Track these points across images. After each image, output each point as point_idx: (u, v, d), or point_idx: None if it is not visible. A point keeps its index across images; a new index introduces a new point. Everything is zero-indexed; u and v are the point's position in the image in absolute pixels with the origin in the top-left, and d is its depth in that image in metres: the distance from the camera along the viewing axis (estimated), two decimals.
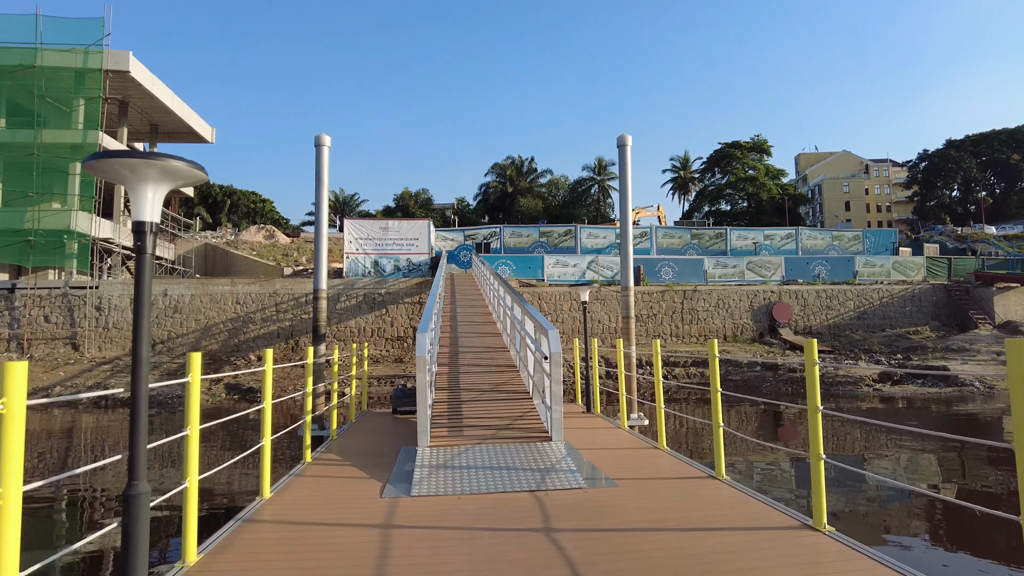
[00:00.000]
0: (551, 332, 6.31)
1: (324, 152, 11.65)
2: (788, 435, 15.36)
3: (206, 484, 11.21)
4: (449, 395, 7.99)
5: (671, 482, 5.22)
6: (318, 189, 11.85)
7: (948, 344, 23.40)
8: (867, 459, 12.30)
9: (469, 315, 15.85)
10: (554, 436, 6.20)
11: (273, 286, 26.38)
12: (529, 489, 4.86)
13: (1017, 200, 67.79)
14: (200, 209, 74.58)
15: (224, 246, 40.43)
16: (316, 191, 12.05)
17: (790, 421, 16.77)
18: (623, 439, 7.21)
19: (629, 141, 11.66)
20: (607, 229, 33.73)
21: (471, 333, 13.03)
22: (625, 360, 8.05)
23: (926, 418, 15.99)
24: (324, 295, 12.14)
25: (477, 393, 8.05)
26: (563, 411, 6.37)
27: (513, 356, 10.12)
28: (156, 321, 25.91)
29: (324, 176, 11.73)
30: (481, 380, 8.80)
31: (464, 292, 21.19)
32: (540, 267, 28.56)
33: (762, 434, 15.74)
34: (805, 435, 16.14)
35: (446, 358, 10.25)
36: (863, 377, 19.34)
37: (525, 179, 71.44)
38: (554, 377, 6.19)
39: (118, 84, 28.81)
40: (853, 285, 30.09)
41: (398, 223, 27.96)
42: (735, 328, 28.29)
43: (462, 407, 7.39)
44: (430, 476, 5.18)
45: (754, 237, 33.26)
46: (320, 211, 11.91)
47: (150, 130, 35.51)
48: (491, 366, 9.74)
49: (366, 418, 9.59)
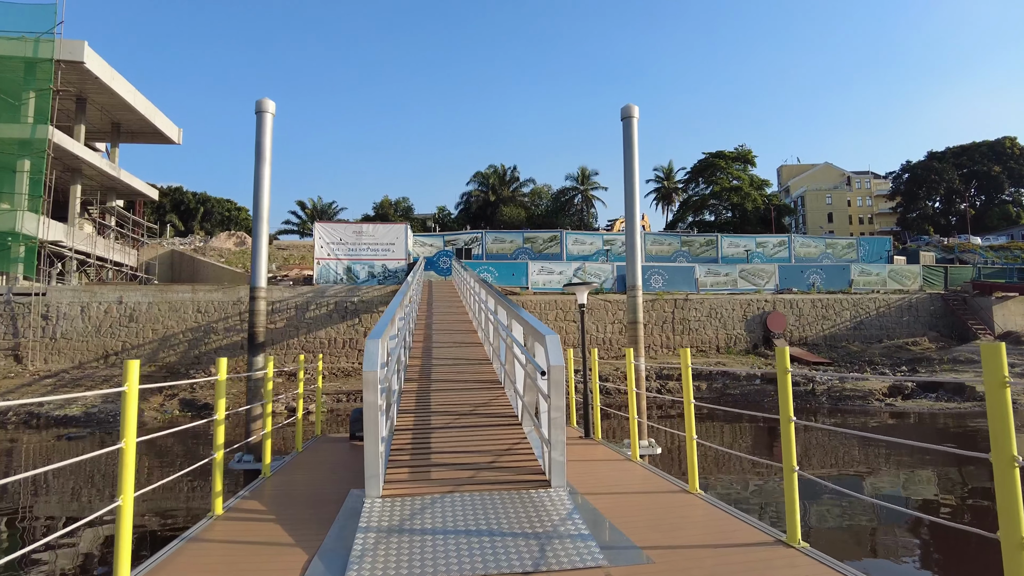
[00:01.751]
0: (549, 338, 4.68)
1: (267, 120, 9.83)
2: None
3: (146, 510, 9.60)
4: (416, 419, 6.33)
5: (721, 553, 3.65)
6: (258, 164, 9.93)
7: (954, 355, 22.22)
8: (869, 474, 11.75)
9: (447, 324, 14.23)
10: (554, 480, 4.55)
11: (237, 293, 24.50)
12: (524, 572, 3.25)
13: (998, 212, 67.91)
14: (172, 216, 72.31)
15: (191, 252, 38.37)
16: (256, 167, 10.11)
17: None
18: (638, 477, 5.64)
19: (636, 112, 10.02)
20: (594, 235, 32.32)
21: (448, 343, 11.41)
22: (635, 374, 6.50)
23: (946, 435, 14.70)
24: (263, 294, 10.37)
25: (452, 417, 6.39)
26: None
27: (497, 370, 8.51)
28: (110, 331, 23.94)
29: (266, 149, 9.84)
30: (458, 400, 7.15)
31: (442, 300, 19.55)
32: (524, 274, 27.00)
33: (757, 450, 14.58)
34: (801, 451, 14.98)
35: (416, 371, 8.60)
36: (872, 391, 17.99)
37: (508, 188, 70.00)
38: (554, 402, 4.55)
39: (74, 77, 26.90)
40: (849, 294, 28.95)
41: (373, 227, 26.23)
42: (728, 339, 26.94)
43: (431, 437, 5.74)
44: (377, 549, 3.53)
45: (746, 244, 32.06)
46: (260, 189, 9.88)
47: (112, 129, 33.54)
48: (471, 382, 8.12)
49: (317, 446, 7.86)
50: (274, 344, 23.95)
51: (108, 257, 30.40)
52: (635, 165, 9.84)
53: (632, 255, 9.72)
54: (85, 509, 9.73)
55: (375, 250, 25.62)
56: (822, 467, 12.37)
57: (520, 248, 30.13)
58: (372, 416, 4.22)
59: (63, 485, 11.74)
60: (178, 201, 77.10)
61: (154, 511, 9.11)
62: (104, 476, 12.26)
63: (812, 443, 14.75)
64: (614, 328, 25.75)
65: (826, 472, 11.85)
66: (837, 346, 27.31)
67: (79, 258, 27.77)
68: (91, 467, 12.73)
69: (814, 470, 12.28)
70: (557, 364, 4.47)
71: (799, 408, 18.29)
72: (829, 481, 10.67)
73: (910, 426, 16.30)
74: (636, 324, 9.46)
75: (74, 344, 23.60)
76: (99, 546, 7.70)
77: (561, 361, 4.49)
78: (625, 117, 10.03)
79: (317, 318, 24.13)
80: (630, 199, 9.83)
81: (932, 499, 9.95)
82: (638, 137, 9.77)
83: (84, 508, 9.90)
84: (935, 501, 9.78)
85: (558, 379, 4.52)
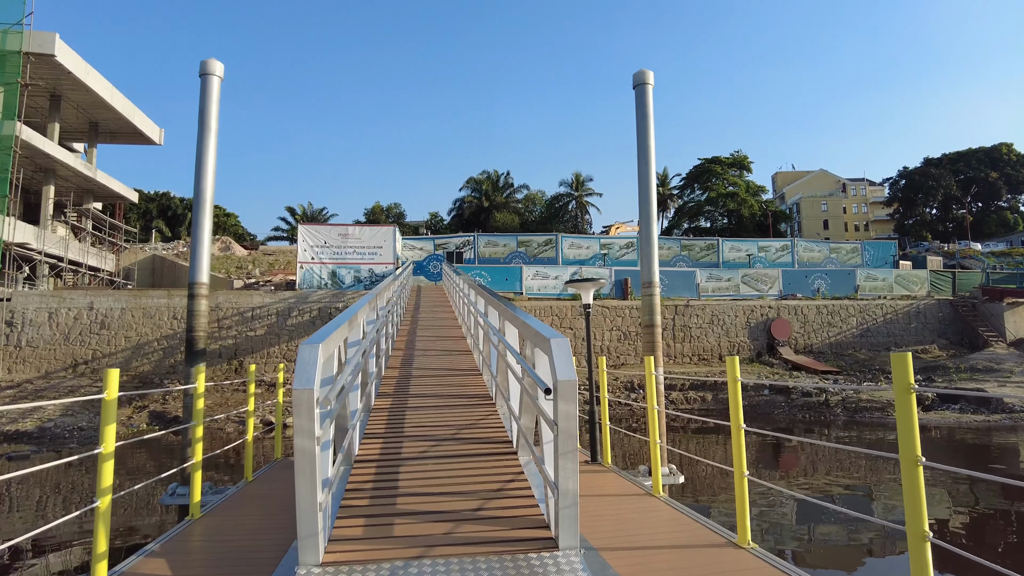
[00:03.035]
0: (555, 342, 3.43)
1: (213, 85, 8.28)
2: (789, 464, 13.77)
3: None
4: (385, 446, 5.03)
5: None
6: (202, 135, 8.42)
7: (971, 364, 21.12)
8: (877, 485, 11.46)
9: (433, 331, 12.98)
10: (563, 539, 3.28)
11: (215, 299, 23.19)
12: None
13: (996, 218, 67.30)
14: (159, 222, 70.97)
15: (172, 258, 37.05)
16: (199, 137, 8.49)
17: (791, 451, 14.51)
18: (665, 521, 4.40)
19: (650, 79, 8.66)
20: (590, 239, 31.16)
21: (433, 350, 10.17)
22: (655, 387, 5.26)
23: (981, 453, 13.58)
24: (204, 291, 8.97)
25: (430, 444, 5.08)
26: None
27: (488, 382, 7.26)
28: (79, 338, 22.58)
29: (212, 117, 8.34)
30: (439, 420, 5.85)
31: (430, 307, 18.28)
32: (518, 279, 25.77)
33: (761, 464, 13.58)
34: (806, 464, 13.89)
35: (392, 385, 7.33)
36: (891, 401, 16.82)
37: (501, 194, 68.92)
38: (563, 429, 3.23)
39: (46, 73, 25.60)
40: (855, 300, 27.87)
41: (359, 229, 24.95)
42: (731, 346, 25.78)
43: (401, 471, 4.44)
44: None
45: (748, 249, 30.96)
46: (204, 165, 8.58)
47: (89, 129, 32.16)
48: (456, 396, 6.87)
49: (273, 474, 6.57)
50: (253, 352, 22.67)
51: (83, 261, 29.00)
52: (650, 139, 8.52)
53: (648, 247, 8.28)
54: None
55: (361, 253, 24.35)
56: (825, 477, 11.56)
57: (514, 252, 28.92)
58: (305, 453, 2.99)
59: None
60: (165, 206, 75.73)
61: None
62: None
63: (819, 455, 13.77)
64: (612, 335, 24.58)
65: (830, 482, 11.05)
66: (844, 354, 26.22)
67: (50, 262, 26.38)
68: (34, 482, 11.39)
69: (820, 480, 11.45)
70: (567, 378, 3.23)
71: (813, 421, 17.12)
72: (833, 498, 9.80)
73: (929, 440, 15.22)
74: (653, 327, 8.02)
75: (40, 353, 22.23)
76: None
77: (572, 374, 3.24)
78: (638, 84, 8.72)
79: (300, 325, 22.84)
80: (645, 180, 8.47)
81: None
82: (653, 108, 8.49)
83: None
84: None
85: (568, 399, 3.22)
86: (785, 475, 12.85)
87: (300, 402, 2.95)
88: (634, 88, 8.75)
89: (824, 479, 11.97)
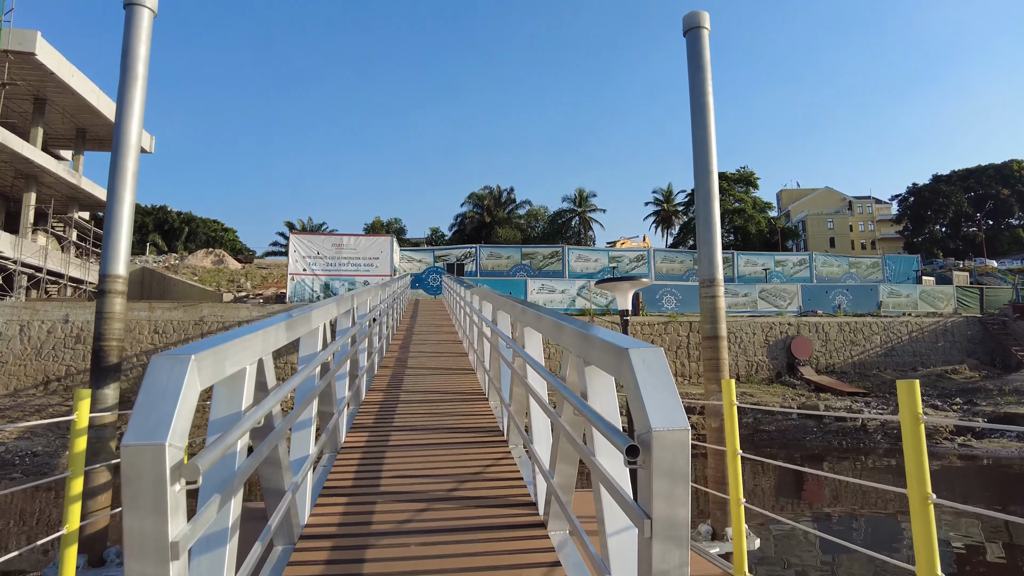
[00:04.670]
0: (639, 352, 1.82)
1: (143, 18, 6.46)
2: (813, 495, 12.57)
3: None
4: (360, 512, 3.49)
5: None
6: (124, 78, 6.44)
7: (1015, 386, 19.51)
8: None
9: (428, 348, 11.46)
10: None
11: (200, 312, 21.73)
12: None
13: (1009, 236, 65.94)
14: (155, 236, 69.87)
15: (162, 270, 35.56)
16: (121, 82, 6.52)
17: (815, 480, 13.02)
18: None
19: (705, 21, 7.10)
20: (598, 251, 29.67)
21: (427, 368, 8.66)
22: (732, 422, 3.75)
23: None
24: (120, 287, 6.69)
25: (423, 505, 3.54)
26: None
27: (495, 409, 5.69)
28: (52, 353, 21.04)
29: (140, 60, 6.46)
30: (431, 487, 4.25)
31: (428, 322, 16.72)
32: (523, 293, 24.26)
33: (781, 493, 12.13)
34: (831, 495, 12.35)
35: (371, 415, 5.74)
36: (938, 428, 15.20)
37: (503, 209, 67.79)
38: (663, 516, 1.60)
39: (28, 73, 24.41)
40: (879, 317, 26.33)
41: (355, 239, 23.50)
42: (749, 366, 24.20)
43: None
44: None
45: (764, 263, 29.48)
46: (127, 117, 6.82)
47: (76, 135, 30.93)
48: (453, 440, 5.26)
49: None
50: None
51: (64, 272, 27.58)
52: (708, 97, 6.72)
53: (708, 233, 6.20)
54: None
55: (357, 265, 22.88)
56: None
57: (518, 265, 27.44)
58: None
59: None
60: (162, 220, 74.68)
61: None
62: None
63: (843, 484, 12.34)
64: None
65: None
66: (868, 374, 24.63)
67: (27, 272, 24.94)
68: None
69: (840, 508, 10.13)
70: (670, 426, 1.72)
71: (851, 448, 15.51)
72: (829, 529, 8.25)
73: (979, 469, 13.67)
74: (718, 340, 5.99)
75: (10, 369, 20.68)
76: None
77: (680, 418, 1.72)
78: (690, 28, 7.18)
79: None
80: (703, 147, 6.53)
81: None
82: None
83: None
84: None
85: (674, 465, 1.63)
86: (809, 504, 11.92)
87: (131, 471, 1.40)
88: (685, 35, 7.14)
89: (845, 508, 10.72)
